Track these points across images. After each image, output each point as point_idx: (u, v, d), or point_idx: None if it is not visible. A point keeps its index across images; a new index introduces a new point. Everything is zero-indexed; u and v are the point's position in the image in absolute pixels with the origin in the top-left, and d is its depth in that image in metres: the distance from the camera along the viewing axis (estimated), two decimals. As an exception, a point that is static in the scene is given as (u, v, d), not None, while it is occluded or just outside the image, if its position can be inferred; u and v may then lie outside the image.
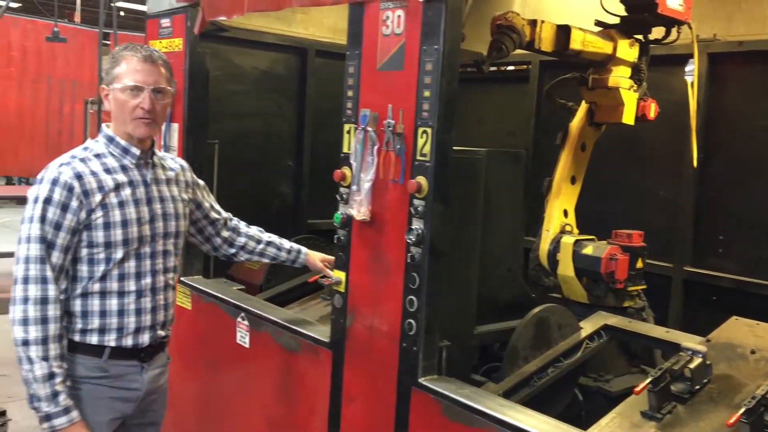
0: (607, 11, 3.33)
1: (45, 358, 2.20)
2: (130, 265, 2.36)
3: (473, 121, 5.01)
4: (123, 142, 2.37)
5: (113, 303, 2.35)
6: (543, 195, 3.53)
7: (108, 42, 8.80)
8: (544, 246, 3.42)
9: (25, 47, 10.62)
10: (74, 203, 2.24)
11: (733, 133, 3.84)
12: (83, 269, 2.32)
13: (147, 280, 2.40)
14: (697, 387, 2.42)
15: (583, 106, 3.45)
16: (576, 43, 3.07)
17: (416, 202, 2.48)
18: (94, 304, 2.33)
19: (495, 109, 5.03)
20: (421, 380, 2.50)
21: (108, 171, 2.32)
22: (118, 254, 2.31)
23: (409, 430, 2.53)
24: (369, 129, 2.61)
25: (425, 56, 2.44)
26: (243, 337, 3.38)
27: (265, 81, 4.70)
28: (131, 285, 2.36)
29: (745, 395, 2.24)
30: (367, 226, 2.68)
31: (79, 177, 2.26)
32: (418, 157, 2.48)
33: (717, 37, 3.80)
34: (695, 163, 3.46)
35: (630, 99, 3.27)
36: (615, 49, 3.21)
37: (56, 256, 2.24)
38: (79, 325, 2.34)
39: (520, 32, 2.92)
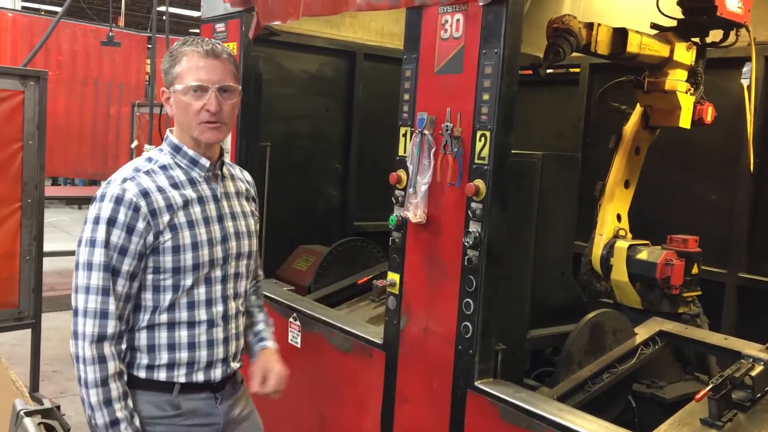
0: (663, 14, 3.30)
1: (106, 402, 1.96)
2: (200, 292, 2.09)
3: (521, 123, 4.97)
4: (191, 152, 2.11)
5: (183, 335, 2.08)
6: (596, 199, 3.50)
7: (149, 46, 8.96)
8: (597, 251, 3.40)
9: (74, 51, 10.86)
10: (141, 225, 1.98)
11: (791, 138, 3.76)
12: (148, 298, 2.06)
13: (219, 308, 2.13)
14: (759, 395, 2.39)
15: (638, 110, 3.42)
16: (633, 46, 3.05)
17: (474, 205, 2.49)
18: (162, 336, 2.07)
19: (543, 111, 5.00)
20: (477, 383, 2.51)
21: (176, 186, 2.06)
22: (188, 281, 2.06)
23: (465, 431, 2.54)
24: (426, 132, 2.62)
25: (485, 60, 2.44)
26: (295, 337, 3.42)
27: (313, 84, 4.74)
28: (202, 314, 2.10)
29: (810, 404, 2.21)
30: (423, 229, 2.70)
31: (145, 194, 2.00)
32: (476, 161, 2.49)
33: (774, 39, 3.73)
34: (752, 168, 3.41)
35: (687, 102, 3.23)
36: (672, 52, 3.18)
37: (121, 284, 1.99)
38: (144, 361, 2.08)
39: (577, 35, 2.91)
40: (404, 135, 2.78)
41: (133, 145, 8.93)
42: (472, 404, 2.51)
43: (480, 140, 2.48)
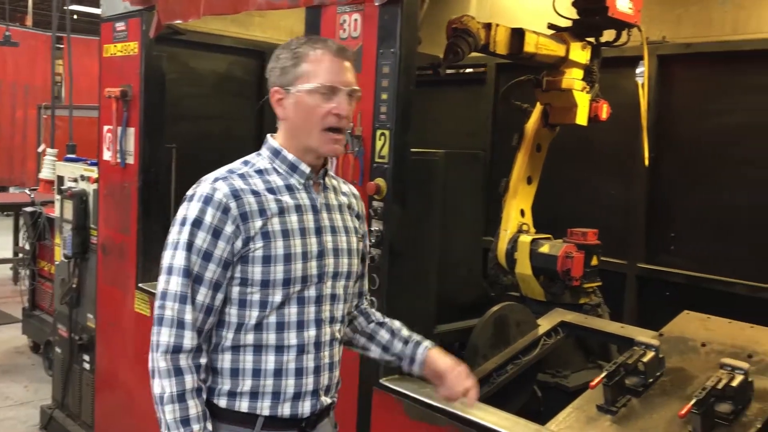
0: (559, 14, 3.40)
1: (184, 422, 1.77)
2: (291, 312, 1.85)
3: (432, 123, 5.06)
4: (291, 157, 1.89)
5: (270, 360, 1.84)
6: (500, 195, 3.58)
7: (61, 46, 8.65)
8: (502, 245, 3.48)
9: (-25, 51, 10.41)
10: (228, 228, 1.79)
11: (683, 133, 3.95)
12: (233, 313, 1.84)
13: (311, 332, 1.87)
14: (651, 380, 2.49)
15: (538, 108, 3.52)
16: (530, 46, 3.13)
17: (375, 203, 2.51)
18: (247, 360, 1.84)
19: (454, 111, 5.08)
20: (383, 380, 2.53)
21: (272, 191, 1.86)
22: (277, 297, 1.83)
23: (371, 430, 2.56)
24: (327, 132, 2.62)
25: (382, 59, 2.47)
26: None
27: (223, 84, 4.67)
28: (292, 337, 1.85)
29: (696, 387, 2.32)
30: (327, 229, 2.69)
31: (236, 196, 1.80)
32: (377, 159, 2.51)
33: (666, 39, 3.91)
34: (647, 163, 3.55)
35: (583, 100, 3.34)
36: (567, 51, 3.28)
37: (203, 294, 1.80)
38: (227, 386, 1.85)
39: (475, 35, 2.97)
40: (307, 135, 2.77)
41: (40, 149, 8.61)
42: (378, 401, 2.53)
43: (380, 139, 2.50)
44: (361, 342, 2.12)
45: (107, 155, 3.98)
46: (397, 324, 2.13)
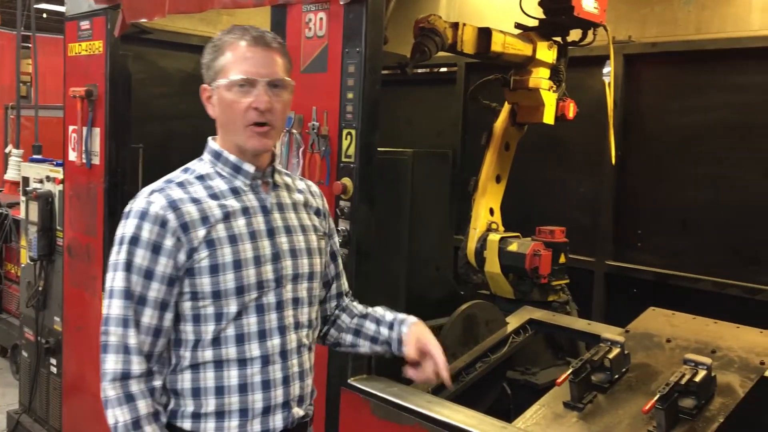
0: (526, 14, 3.42)
1: None
2: (250, 322, 1.74)
3: (404, 122, 5.07)
4: (232, 158, 1.79)
5: (233, 375, 1.73)
6: (470, 194, 3.60)
7: (29, 45, 8.51)
8: (472, 244, 3.49)
9: (-61, 50, 10.20)
10: (168, 242, 1.68)
11: (649, 131, 4.00)
12: (188, 330, 1.73)
13: (275, 341, 1.77)
14: (617, 376, 2.51)
15: (506, 107, 3.54)
16: (497, 45, 3.14)
17: (342, 203, 2.50)
18: (208, 377, 1.73)
19: (425, 110, 5.10)
20: (351, 380, 2.52)
21: (215, 196, 1.75)
22: (232, 307, 1.72)
23: (340, 430, 2.55)
24: (294, 131, 2.62)
25: (348, 59, 2.46)
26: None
27: (191, 83, 4.59)
28: (254, 349, 1.74)
29: (661, 382, 2.35)
30: (295, 229, 2.68)
31: (174, 206, 1.70)
32: (343, 159, 2.51)
33: (632, 38, 3.95)
34: (614, 161, 3.59)
35: (550, 99, 3.36)
36: (534, 51, 3.30)
37: (148, 315, 1.69)
38: (190, 408, 1.75)
39: (442, 35, 2.97)
40: (273, 134, 2.75)
41: (7, 150, 8.46)
42: (345, 401, 2.53)
43: (346, 138, 2.49)
44: (348, 340, 2.02)
45: (73, 156, 3.92)
46: (380, 311, 2.02)
